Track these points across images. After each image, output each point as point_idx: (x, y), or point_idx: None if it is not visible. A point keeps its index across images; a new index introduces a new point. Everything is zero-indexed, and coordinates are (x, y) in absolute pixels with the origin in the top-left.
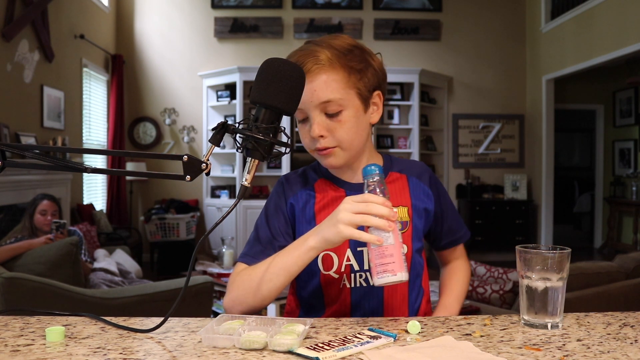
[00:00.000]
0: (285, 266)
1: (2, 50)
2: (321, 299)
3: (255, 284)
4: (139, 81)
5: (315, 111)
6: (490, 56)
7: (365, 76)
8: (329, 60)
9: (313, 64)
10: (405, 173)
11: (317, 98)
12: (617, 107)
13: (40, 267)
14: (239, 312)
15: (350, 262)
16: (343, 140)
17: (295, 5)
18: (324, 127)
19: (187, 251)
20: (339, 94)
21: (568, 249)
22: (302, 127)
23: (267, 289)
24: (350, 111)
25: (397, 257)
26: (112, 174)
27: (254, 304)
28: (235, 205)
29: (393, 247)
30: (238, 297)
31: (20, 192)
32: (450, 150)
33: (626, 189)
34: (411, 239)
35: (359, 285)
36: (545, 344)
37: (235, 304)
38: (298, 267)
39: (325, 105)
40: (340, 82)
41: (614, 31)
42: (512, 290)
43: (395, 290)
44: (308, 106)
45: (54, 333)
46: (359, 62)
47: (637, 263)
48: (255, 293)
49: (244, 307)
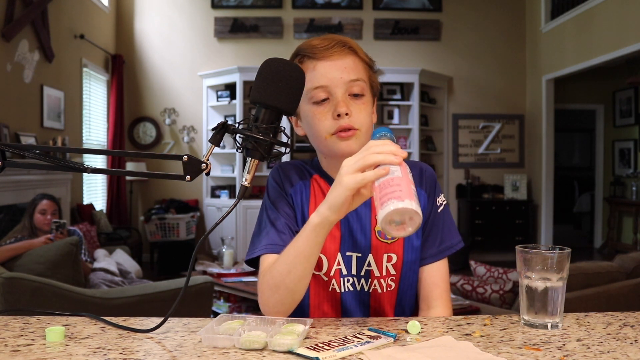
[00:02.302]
0: (298, 252)
1: (2, 50)
2: (307, 299)
3: (279, 280)
4: (139, 81)
5: (341, 89)
6: (491, 56)
7: (375, 77)
8: (357, 47)
9: (343, 46)
10: None
11: (347, 75)
12: (617, 107)
13: (40, 267)
14: (280, 314)
15: (340, 267)
16: (363, 124)
17: (295, 5)
18: (349, 106)
19: (187, 251)
20: (364, 77)
21: (568, 249)
22: (319, 108)
23: (291, 281)
24: (368, 98)
25: (406, 187)
26: (112, 174)
27: (288, 299)
28: (235, 205)
29: (400, 179)
30: (270, 300)
31: (20, 192)
32: (450, 151)
33: (626, 189)
34: (402, 249)
35: (348, 290)
36: (545, 344)
37: (269, 307)
38: (311, 249)
39: (352, 84)
40: (364, 70)
41: (613, 31)
42: (512, 290)
43: (381, 298)
44: (335, 83)
45: (54, 333)
46: (373, 63)
47: (637, 263)
48: (285, 289)
49: (282, 308)
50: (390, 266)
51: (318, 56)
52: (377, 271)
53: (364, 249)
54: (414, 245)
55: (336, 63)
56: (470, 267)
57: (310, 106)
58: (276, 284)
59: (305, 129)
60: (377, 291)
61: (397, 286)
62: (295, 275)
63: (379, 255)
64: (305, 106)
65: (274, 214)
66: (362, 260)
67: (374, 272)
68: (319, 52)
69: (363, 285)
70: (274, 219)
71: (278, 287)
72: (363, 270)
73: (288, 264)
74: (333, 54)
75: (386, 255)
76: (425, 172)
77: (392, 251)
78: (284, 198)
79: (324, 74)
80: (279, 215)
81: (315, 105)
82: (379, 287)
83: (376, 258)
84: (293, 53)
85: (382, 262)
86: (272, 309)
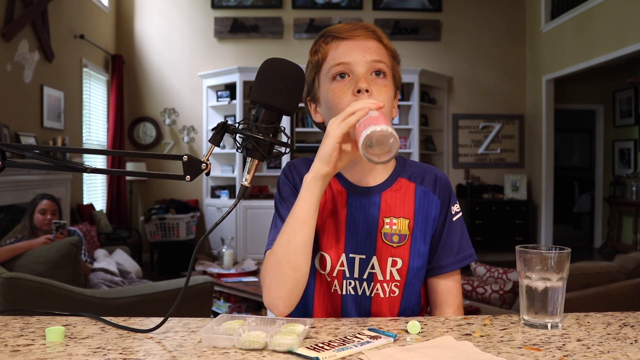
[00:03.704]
0: (295, 217)
1: (2, 50)
2: (312, 298)
3: (280, 255)
4: (139, 81)
5: (363, 67)
6: (490, 56)
7: (398, 69)
8: (383, 35)
9: (367, 30)
10: (415, 181)
11: (370, 56)
12: (617, 107)
13: (40, 267)
14: (283, 300)
15: (343, 269)
16: (384, 104)
17: (295, 5)
18: (370, 84)
19: (187, 251)
20: (387, 63)
21: (568, 249)
22: (338, 85)
23: (292, 252)
24: (390, 82)
25: (383, 118)
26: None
27: (290, 278)
28: (235, 205)
29: (378, 116)
30: (272, 283)
31: (20, 192)
32: (450, 151)
33: (626, 189)
34: (409, 254)
35: (349, 293)
36: (545, 344)
37: (272, 292)
38: (307, 211)
39: (374, 64)
40: (387, 57)
41: (614, 31)
42: (512, 290)
43: (383, 304)
44: (357, 61)
45: (54, 333)
46: (397, 55)
47: (637, 263)
48: (287, 263)
49: (284, 291)
50: (395, 271)
51: (342, 35)
52: (380, 274)
53: (368, 250)
54: (420, 251)
55: (359, 43)
56: (470, 267)
57: (330, 84)
58: (277, 260)
59: (324, 111)
60: (379, 295)
61: (401, 292)
62: (296, 244)
63: (384, 258)
64: (324, 86)
65: (285, 211)
66: (365, 262)
67: (377, 275)
68: (343, 32)
69: (365, 289)
70: (284, 215)
71: (279, 263)
72: (366, 273)
73: (288, 232)
74: (358, 35)
75: (391, 259)
76: (440, 180)
77: (398, 255)
78: (295, 194)
79: (346, 51)
80: (288, 212)
81: (335, 82)
82: (381, 291)
83: (380, 261)
84: (318, 35)
85: (386, 266)
86: (275, 293)
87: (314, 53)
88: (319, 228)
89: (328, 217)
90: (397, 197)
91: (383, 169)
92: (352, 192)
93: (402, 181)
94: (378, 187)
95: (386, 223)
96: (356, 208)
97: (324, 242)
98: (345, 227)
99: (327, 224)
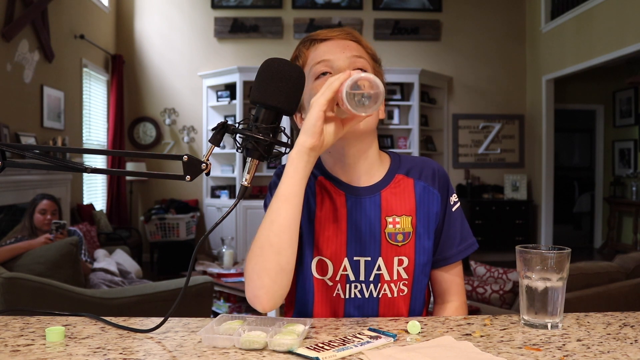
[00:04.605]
0: (279, 195)
1: (2, 50)
2: (311, 304)
3: (263, 239)
4: (139, 81)
5: (344, 62)
6: (490, 56)
7: (380, 71)
8: (361, 38)
9: (347, 33)
10: (413, 176)
11: (350, 51)
12: (617, 107)
13: (40, 267)
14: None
15: (347, 273)
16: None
17: (295, 5)
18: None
19: (187, 251)
20: (368, 59)
21: (568, 249)
22: (320, 81)
23: (275, 234)
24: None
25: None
26: (112, 174)
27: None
28: (235, 205)
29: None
30: (253, 270)
31: (20, 192)
32: (450, 151)
33: (626, 189)
34: (414, 251)
35: (354, 296)
36: (545, 344)
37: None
38: (292, 187)
39: (355, 59)
40: (367, 58)
41: (613, 31)
42: (512, 290)
43: (392, 303)
44: (337, 57)
45: (54, 333)
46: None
47: (637, 263)
48: (269, 247)
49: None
50: (402, 270)
51: (320, 37)
52: (387, 275)
53: (373, 252)
54: (425, 246)
55: (338, 42)
56: (470, 267)
57: (313, 83)
58: (260, 244)
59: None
60: (387, 296)
61: (409, 290)
62: (279, 225)
63: (390, 258)
64: (307, 87)
65: None
66: (371, 264)
67: (384, 276)
68: (321, 35)
69: (372, 291)
70: None
71: (262, 248)
72: (372, 275)
73: (271, 213)
74: (336, 35)
75: (397, 258)
76: (438, 172)
77: (404, 254)
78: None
79: (326, 50)
80: None
81: (317, 80)
82: (389, 291)
83: (387, 262)
84: (298, 43)
85: (392, 266)
86: (257, 282)
87: (295, 59)
88: (317, 232)
89: (326, 220)
90: (397, 195)
91: (379, 167)
92: (350, 193)
93: (400, 177)
94: (376, 186)
95: (389, 222)
96: (356, 209)
97: (323, 246)
98: (347, 229)
99: (325, 228)
